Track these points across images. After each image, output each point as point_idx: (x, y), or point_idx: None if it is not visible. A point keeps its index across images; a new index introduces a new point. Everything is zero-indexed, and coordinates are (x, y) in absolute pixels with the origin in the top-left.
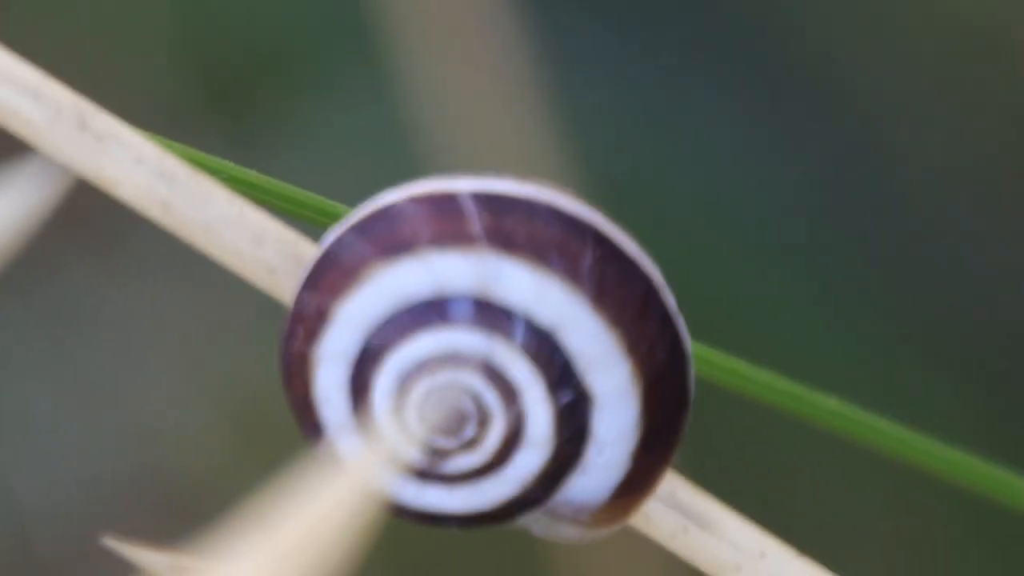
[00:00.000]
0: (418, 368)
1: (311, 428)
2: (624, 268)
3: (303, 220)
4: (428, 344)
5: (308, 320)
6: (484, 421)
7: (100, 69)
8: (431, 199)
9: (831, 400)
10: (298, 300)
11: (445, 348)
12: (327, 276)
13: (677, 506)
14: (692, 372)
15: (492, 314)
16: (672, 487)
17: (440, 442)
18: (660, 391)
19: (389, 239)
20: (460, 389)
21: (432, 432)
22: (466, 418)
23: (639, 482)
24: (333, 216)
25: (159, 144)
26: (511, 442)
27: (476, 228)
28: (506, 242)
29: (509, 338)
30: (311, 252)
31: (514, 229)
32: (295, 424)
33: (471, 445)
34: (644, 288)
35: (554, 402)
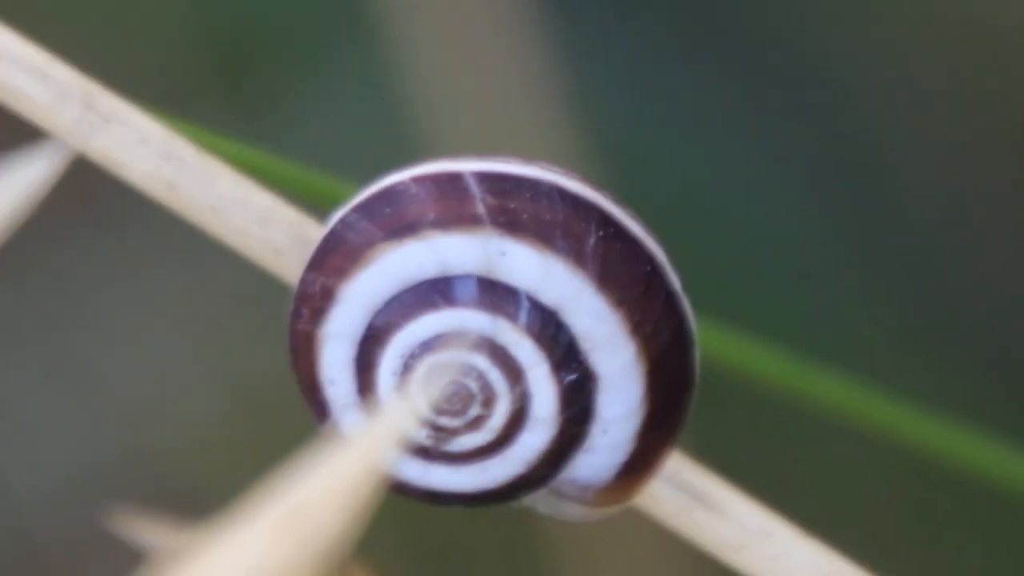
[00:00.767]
0: (423, 348)
1: (317, 407)
2: (628, 248)
3: (309, 201)
4: (433, 324)
5: (313, 300)
6: (489, 400)
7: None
8: (436, 180)
9: (837, 379)
10: (303, 280)
11: (449, 328)
12: (332, 257)
13: (682, 486)
14: (697, 352)
15: (496, 294)
16: (677, 467)
17: (445, 421)
18: (665, 371)
19: (394, 220)
20: (465, 368)
21: (437, 411)
22: (471, 397)
23: (644, 461)
24: (338, 197)
25: (166, 125)
26: (516, 421)
27: (480, 209)
28: (510, 223)
29: (513, 318)
30: (316, 233)
31: (518, 210)
32: (299, 404)
33: (476, 424)
34: (648, 268)
35: (558, 381)
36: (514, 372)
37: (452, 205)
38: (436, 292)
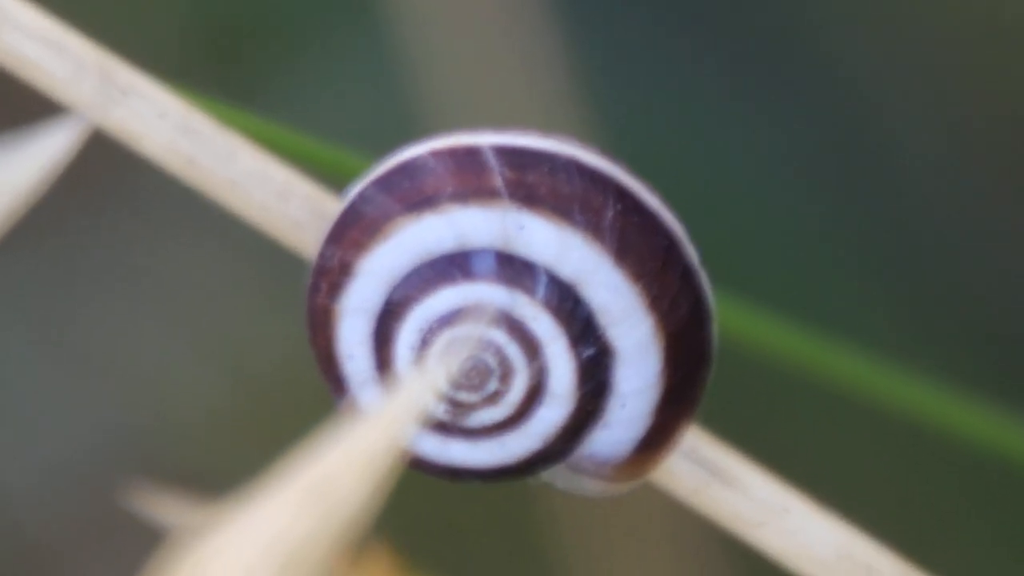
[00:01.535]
0: (441, 322)
1: (335, 382)
2: (646, 222)
3: (322, 174)
4: (451, 298)
5: (331, 274)
6: (506, 375)
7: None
8: (453, 153)
9: (850, 356)
10: (322, 254)
11: (468, 302)
12: (350, 230)
13: (699, 461)
14: (715, 326)
15: (514, 268)
16: (695, 442)
17: (463, 396)
18: (682, 345)
19: (411, 193)
20: (483, 343)
21: (455, 386)
22: (488, 372)
23: (661, 437)
24: (352, 170)
25: (182, 98)
26: (533, 396)
27: (498, 182)
28: (528, 196)
29: (531, 292)
30: (334, 207)
31: (536, 183)
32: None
33: (494, 399)
34: (666, 242)
35: (576, 356)
36: (532, 347)
37: (470, 179)
38: (454, 266)
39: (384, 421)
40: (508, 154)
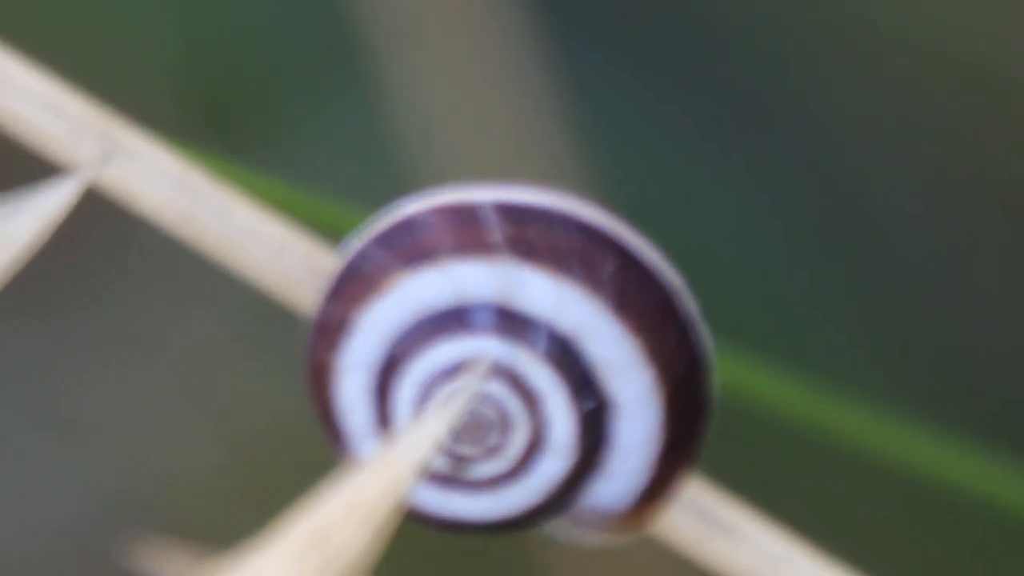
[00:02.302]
0: (441, 375)
1: (336, 437)
2: (644, 275)
3: (324, 230)
4: (451, 352)
5: (331, 330)
6: (507, 428)
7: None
8: (452, 209)
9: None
10: (321, 311)
11: (467, 355)
12: (349, 286)
13: (700, 512)
14: (714, 378)
15: (514, 322)
16: (695, 493)
17: (463, 448)
18: (683, 397)
19: (410, 249)
20: (482, 396)
21: (455, 438)
22: (489, 425)
23: (662, 488)
24: (354, 226)
25: (182, 156)
26: (534, 449)
27: (497, 238)
28: (527, 251)
29: (531, 345)
30: (332, 263)
31: (535, 239)
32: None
33: (494, 452)
34: (664, 295)
35: (577, 409)
36: (532, 400)
37: (469, 234)
38: (454, 320)
39: (384, 472)
40: (507, 210)
